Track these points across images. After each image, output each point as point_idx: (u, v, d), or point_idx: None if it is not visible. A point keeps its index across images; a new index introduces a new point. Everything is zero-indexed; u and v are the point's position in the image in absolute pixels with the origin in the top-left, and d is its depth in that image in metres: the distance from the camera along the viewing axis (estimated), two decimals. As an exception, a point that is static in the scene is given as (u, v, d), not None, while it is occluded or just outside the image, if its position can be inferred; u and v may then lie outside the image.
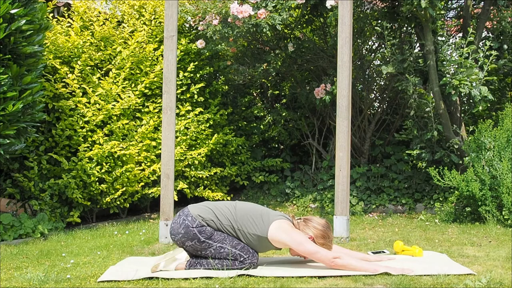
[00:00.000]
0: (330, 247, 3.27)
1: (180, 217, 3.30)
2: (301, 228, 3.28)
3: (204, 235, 3.22)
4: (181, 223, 3.25)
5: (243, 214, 3.27)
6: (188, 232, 3.22)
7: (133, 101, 5.41)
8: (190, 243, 3.23)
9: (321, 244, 3.24)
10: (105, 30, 5.54)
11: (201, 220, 3.24)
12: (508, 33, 5.76)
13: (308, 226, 3.27)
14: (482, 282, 2.83)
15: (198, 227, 3.22)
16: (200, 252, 3.25)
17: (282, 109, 6.99)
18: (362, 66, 6.45)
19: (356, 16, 5.88)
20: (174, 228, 3.29)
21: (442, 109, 5.43)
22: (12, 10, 4.10)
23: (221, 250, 3.22)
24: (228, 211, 3.28)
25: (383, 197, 5.97)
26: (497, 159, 4.84)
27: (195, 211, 3.29)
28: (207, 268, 3.25)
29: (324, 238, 3.25)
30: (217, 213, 3.27)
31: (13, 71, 4.16)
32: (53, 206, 5.05)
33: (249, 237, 3.24)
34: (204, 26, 5.52)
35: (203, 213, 3.27)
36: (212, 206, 3.32)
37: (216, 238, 3.23)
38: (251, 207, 3.35)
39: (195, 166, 5.96)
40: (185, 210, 3.33)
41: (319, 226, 3.26)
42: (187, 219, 3.25)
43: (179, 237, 3.25)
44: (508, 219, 4.63)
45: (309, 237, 3.23)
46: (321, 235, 3.25)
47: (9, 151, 4.36)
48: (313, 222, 3.28)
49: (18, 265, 3.57)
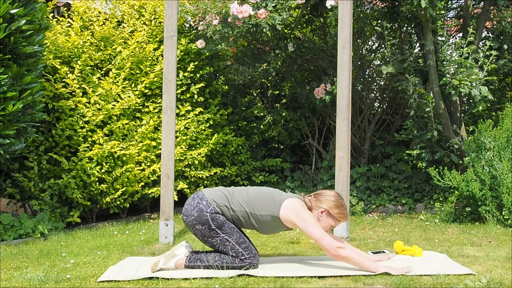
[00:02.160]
0: (346, 215, 3.31)
1: (194, 199, 3.29)
2: (314, 205, 3.29)
3: (215, 223, 3.22)
4: (195, 206, 3.25)
5: (255, 197, 3.28)
6: (201, 216, 3.22)
7: (133, 101, 5.41)
8: (200, 227, 3.23)
9: (337, 213, 3.27)
10: (105, 30, 5.54)
11: (215, 206, 3.23)
12: (508, 33, 5.76)
13: (320, 200, 3.29)
14: (482, 282, 2.83)
15: (211, 214, 3.22)
16: (206, 239, 3.25)
17: (282, 109, 6.99)
18: (362, 66, 6.45)
19: (356, 16, 5.88)
20: (187, 209, 3.28)
21: (442, 109, 5.43)
22: (12, 10, 4.10)
23: (226, 242, 3.22)
24: (240, 197, 3.28)
25: (383, 197, 5.97)
26: (497, 159, 4.84)
27: (210, 195, 3.28)
28: (207, 265, 3.24)
29: (338, 208, 3.28)
30: (230, 199, 3.27)
31: (13, 71, 4.16)
32: (53, 206, 5.05)
33: (261, 219, 3.24)
34: (204, 26, 5.52)
35: (217, 199, 3.27)
36: (226, 192, 3.32)
37: (225, 230, 3.23)
38: (263, 190, 3.37)
39: (195, 166, 5.96)
40: (199, 193, 3.33)
41: (331, 197, 3.30)
42: (202, 202, 3.25)
43: (191, 219, 3.24)
44: (508, 219, 4.63)
45: (323, 210, 3.25)
46: (334, 205, 3.27)
47: (9, 151, 4.36)
48: (324, 195, 3.31)
49: (18, 265, 3.57)
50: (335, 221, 3.31)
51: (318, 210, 3.28)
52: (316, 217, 3.27)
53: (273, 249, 3.97)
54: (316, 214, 3.28)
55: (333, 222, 3.31)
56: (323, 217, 3.28)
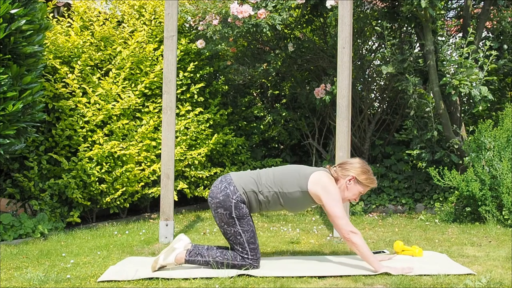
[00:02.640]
0: (373, 180, 3.31)
1: (222, 183, 3.27)
2: (340, 174, 3.29)
3: (237, 212, 3.21)
4: (222, 190, 3.24)
5: (282, 175, 3.27)
6: (226, 200, 3.21)
7: (133, 101, 5.41)
8: (222, 212, 3.21)
9: (365, 179, 3.27)
10: (105, 30, 5.54)
11: (242, 193, 3.22)
12: (508, 33, 5.76)
13: (346, 169, 3.30)
14: (482, 282, 2.83)
15: (236, 201, 3.21)
16: (223, 224, 3.23)
17: (282, 109, 6.99)
18: (362, 66, 6.45)
19: (356, 16, 5.88)
20: (213, 191, 3.27)
21: (442, 109, 5.43)
22: (12, 10, 4.10)
23: (238, 236, 3.21)
24: (268, 178, 3.27)
25: (383, 197, 5.97)
26: (497, 159, 4.84)
27: (238, 180, 3.27)
28: (207, 260, 3.24)
29: (365, 173, 3.28)
30: (259, 182, 3.26)
31: (13, 71, 4.16)
32: (53, 206, 5.05)
33: (290, 196, 3.23)
34: (204, 26, 5.52)
35: (245, 184, 3.25)
36: (254, 176, 3.29)
37: (243, 224, 3.21)
38: (287, 167, 3.37)
39: (195, 166, 5.96)
40: (227, 176, 3.31)
41: (357, 164, 3.31)
42: (229, 187, 3.24)
43: (216, 201, 3.23)
44: (508, 219, 4.63)
45: (351, 178, 3.25)
46: (361, 171, 3.28)
47: (9, 151, 4.36)
48: (349, 163, 3.32)
49: (18, 265, 3.57)
50: (364, 187, 3.31)
51: (345, 179, 3.28)
52: (344, 186, 3.27)
53: (273, 249, 3.97)
54: (344, 183, 3.28)
55: (362, 188, 3.30)
56: (351, 185, 3.28)
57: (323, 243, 4.15)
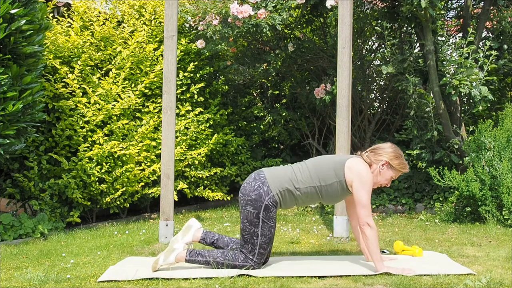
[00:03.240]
0: (406, 165, 3.33)
1: (256, 181, 3.23)
2: (373, 159, 3.29)
3: (265, 214, 3.18)
4: (255, 189, 3.20)
5: (317, 168, 3.24)
6: (257, 200, 3.17)
7: (133, 101, 5.41)
8: (250, 210, 3.18)
9: (398, 164, 3.28)
10: (105, 30, 5.54)
11: (275, 194, 3.19)
12: (508, 33, 5.76)
13: (379, 154, 3.30)
14: (482, 282, 2.83)
15: (268, 203, 3.18)
16: (245, 221, 3.19)
17: (282, 109, 6.99)
18: (362, 66, 6.45)
19: (356, 16, 5.88)
20: (246, 188, 3.23)
21: (442, 109, 5.43)
22: (12, 10, 4.10)
23: (254, 236, 3.18)
24: (304, 174, 3.23)
25: (383, 197, 5.97)
26: (497, 159, 4.84)
27: (272, 180, 3.22)
28: (208, 260, 3.22)
29: (398, 158, 3.29)
30: (295, 179, 3.22)
31: (13, 71, 4.16)
32: (53, 206, 5.05)
33: (329, 189, 3.22)
34: (204, 26, 5.52)
35: (280, 183, 3.21)
36: (288, 173, 3.25)
37: (265, 227, 3.18)
38: (319, 159, 3.35)
39: (195, 166, 5.96)
40: (261, 174, 3.26)
41: (389, 149, 3.31)
42: (263, 187, 3.19)
43: (247, 198, 3.20)
44: (508, 219, 4.63)
45: (384, 163, 3.26)
46: (394, 156, 3.29)
47: (9, 151, 4.36)
48: (381, 148, 3.32)
49: (18, 265, 3.57)
50: (396, 172, 3.31)
51: (378, 164, 3.28)
52: (378, 171, 3.27)
53: (273, 249, 3.96)
54: (377, 168, 3.27)
55: (394, 173, 3.31)
56: (384, 170, 3.28)
57: (323, 243, 4.15)
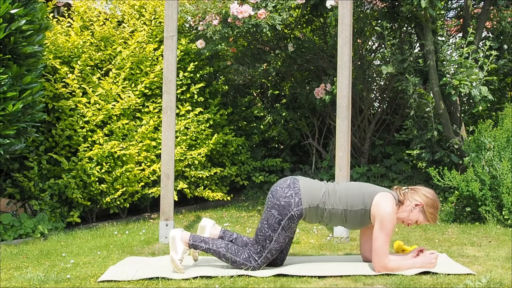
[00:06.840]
0: (437, 218, 3.25)
1: (290, 189, 3.20)
2: (409, 196, 3.23)
3: (287, 223, 3.16)
4: (286, 196, 3.18)
5: (347, 193, 3.22)
6: (285, 207, 3.15)
7: (133, 101, 5.41)
8: (274, 214, 3.16)
9: (430, 213, 3.20)
10: (105, 30, 5.54)
11: (305, 208, 3.16)
12: (508, 33, 5.76)
13: (417, 193, 3.24)
14: (482, 282, 2.83)
15: (294, 214, 3.16)
16: (265, 224, 3.18)
17: (282, 109, 6.99)
18: (362, 66, 6.45)
19: (356, 16, 5.89)
20: (278, 191, 3.20)
21: (442, 109, 5.43)
22: (12, 10, 4.10)
23: (268, 240, 3.17)
24: (335, 196, 3.21)
25: (383, 197, 5.96)
26: (497, 159, 4.84)
27: (305, 194, 3.19)
28: (210, 248, 3.24)
29: (434, 208, 3.22)
30: (327, 200, 3.20)
31: (13, 71, 4.16)
32: (53, 206, 5.05)
33: (354, 215, 3.19)
34: (204, 26, 5.52)
35: (312, 200, 3.18)
36: (322, 191, 3.22)
37: (281, 235, 3.17)
38: (352, 184, 3.35)
39: (195, 166, 5.96)
40: (296, 184, 3.22)
41: (429, 195, 3.24)
42: (295, 198, 3.17)
43: (275, 202, 3.17)
44: (508, 219, 4.63)
45: (419, 204, 3.19)
46: (431, 203, 3.21)
47: (9, 151, 4.36)
48: (422, 190, 3.26)
49: (18, 265, 3.57)
50: (424, 219, 3.23)
51: (412, 202, 3.21)
52: (409, 209, 3.21)
53: (273, 249, 3.97)
54: (409, 205, 3.21)
55: (423, 219, 3.23)
56: (416, 211, 3.22)
57: (323, 243, 4.15)
